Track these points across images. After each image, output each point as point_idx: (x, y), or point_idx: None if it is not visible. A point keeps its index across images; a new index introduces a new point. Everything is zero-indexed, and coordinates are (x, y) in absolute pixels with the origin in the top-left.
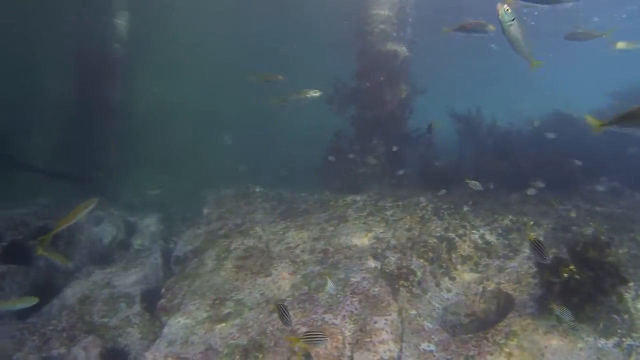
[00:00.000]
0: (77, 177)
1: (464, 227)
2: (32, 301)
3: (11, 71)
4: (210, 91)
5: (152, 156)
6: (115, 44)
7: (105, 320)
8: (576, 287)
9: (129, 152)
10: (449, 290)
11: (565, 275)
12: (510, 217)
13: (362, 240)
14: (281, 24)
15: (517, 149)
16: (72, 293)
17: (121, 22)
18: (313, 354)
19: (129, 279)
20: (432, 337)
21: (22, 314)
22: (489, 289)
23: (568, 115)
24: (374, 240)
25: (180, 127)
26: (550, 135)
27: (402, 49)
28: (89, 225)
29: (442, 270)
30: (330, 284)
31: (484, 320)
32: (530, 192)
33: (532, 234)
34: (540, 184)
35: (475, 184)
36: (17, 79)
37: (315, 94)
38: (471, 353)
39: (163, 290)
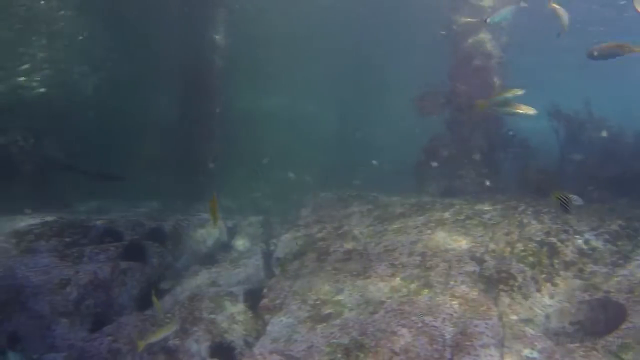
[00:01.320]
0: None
1: (567, 231)
2: (172, 328)
3: (127, 89)
4: (307, 98)
5: (248, 162)
6: (216, 58)
7: (212, 316)
8: None
9: (227, 159)
10: (551, 297)
11: None
12: (619, 222)
13: (459, 243)
14: (374, 28)
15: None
16: (181, 290)
17: (220, 37)
18: (413, 356)
19: (232, 279)
20: (535, 344)
21: (142, 306)
22: (596, 297)
23: None
24: (472, 244)
25: (276, 133)
26: None
27: (497, 50)
28: (195, 227)
29: (543, 276)
30: None
31: (591, 331)
32: None
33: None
34: None
35: (575, 199)
36: (132, 95)
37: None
38: None
39: (265, 290)
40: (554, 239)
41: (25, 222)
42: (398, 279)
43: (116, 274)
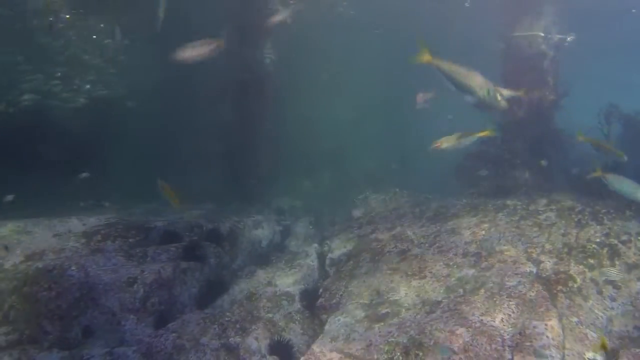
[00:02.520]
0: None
1: (629, 233)
2: None
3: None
4: (353, 103)
5: (296, 164)
6: (267, 70)
7: (270, 315)
8: None
9: (277, 161)
10: (613, 299)
11: None
12: None
13: (515, 244)
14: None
15: None
16: (239, 289)
17: (270, 53)
18: (473, 355)
19: (288, 279)
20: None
21: (201, 305)
22: None
23: None
24: (528, 245)
25: (323, 137)
26: None
27: (549, 51)
28: (250, 228)
29: (604, 278)
30: None
31: None
32: None
33: None
34: None
35: None
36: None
37: None
38: None
39: (321, 290)
40: (614, 240)
41: (85, 222)
42: (453, 279)
43: (177, 273)
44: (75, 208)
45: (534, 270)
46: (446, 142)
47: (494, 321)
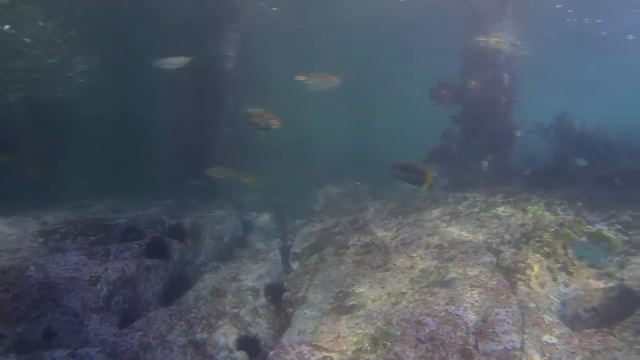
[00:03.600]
0: None
1: (580, 222)
2: None
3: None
4: (308, 100)
5: (256, 159)
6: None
7: (236, 310)
8: None
9: (237, 156)
10: (566, 285)
11: None
12: (630, 212)
13: (475, 235)
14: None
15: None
16: (203, 285)
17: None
18: (439, 343)
19: (252, 274)
20: (553, 330)
21: (166, 302)
22: (610, 285)
23: None
24: (488, 236)
25: (280, 132)
26: None
27: (506, 48)
28: (212, 224)
29: (558, 265)
30: None
31: (606, 317)
32: None
33: None
34: None
35: None
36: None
37: None
38: (596, 348)
39: (286, 284)
40: (567, 230)
41: (42, 220)
42: (417, 270)
43: (141, 271)
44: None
45: (495, 260)
46: (308, 78)
47: (458, 310)
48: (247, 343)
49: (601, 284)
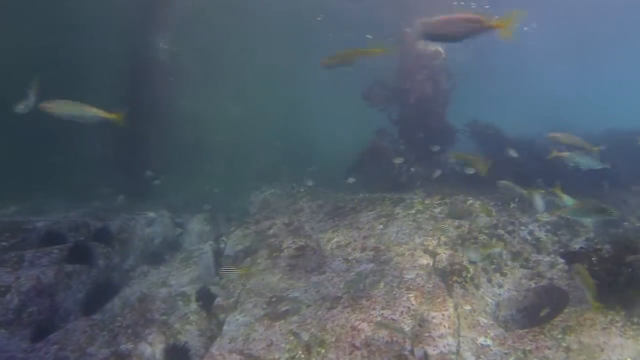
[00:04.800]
0: None
1: (513, 223)
2: None
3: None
4: (249, 99)
5: (190, 160)
6: (161, 59)
7: (165, 317)
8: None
9: (171, 156)
10: (500, 286)
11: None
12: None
13: (412, 237)
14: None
15: None
16: (131, 291)
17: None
18: (375, 349)
19: (183, 279)
20: (488, 331)
21: (89, 310)
22: (541, 284)
23: None
24: (425, 237)
25: (218, 132)
26: None
27: (443, 50)
28: (142, 226)
29: (493, 267)
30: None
31: (537, 316)
32: None
33: None
34: None
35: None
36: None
37: None
38: (528, 348)
39: (218, 288)
40: (501, 231)
41: None
42: (353, 274)
43: (61, 278)
44: None
45: (431, 262)
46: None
47: (394, 314)
48: (176, 352)
49: (532, 284)
